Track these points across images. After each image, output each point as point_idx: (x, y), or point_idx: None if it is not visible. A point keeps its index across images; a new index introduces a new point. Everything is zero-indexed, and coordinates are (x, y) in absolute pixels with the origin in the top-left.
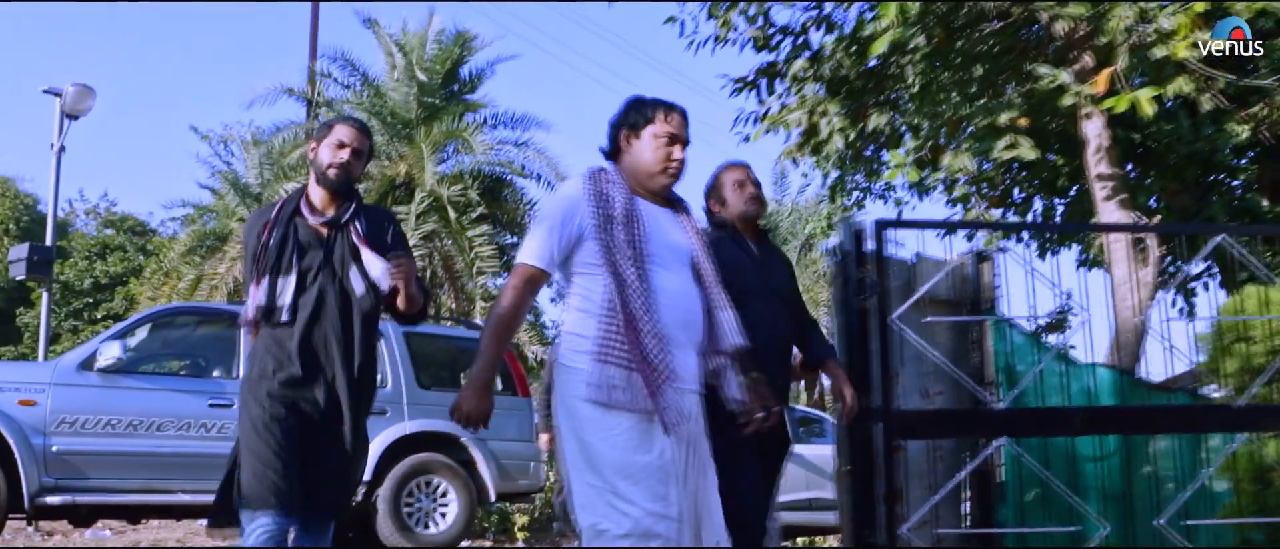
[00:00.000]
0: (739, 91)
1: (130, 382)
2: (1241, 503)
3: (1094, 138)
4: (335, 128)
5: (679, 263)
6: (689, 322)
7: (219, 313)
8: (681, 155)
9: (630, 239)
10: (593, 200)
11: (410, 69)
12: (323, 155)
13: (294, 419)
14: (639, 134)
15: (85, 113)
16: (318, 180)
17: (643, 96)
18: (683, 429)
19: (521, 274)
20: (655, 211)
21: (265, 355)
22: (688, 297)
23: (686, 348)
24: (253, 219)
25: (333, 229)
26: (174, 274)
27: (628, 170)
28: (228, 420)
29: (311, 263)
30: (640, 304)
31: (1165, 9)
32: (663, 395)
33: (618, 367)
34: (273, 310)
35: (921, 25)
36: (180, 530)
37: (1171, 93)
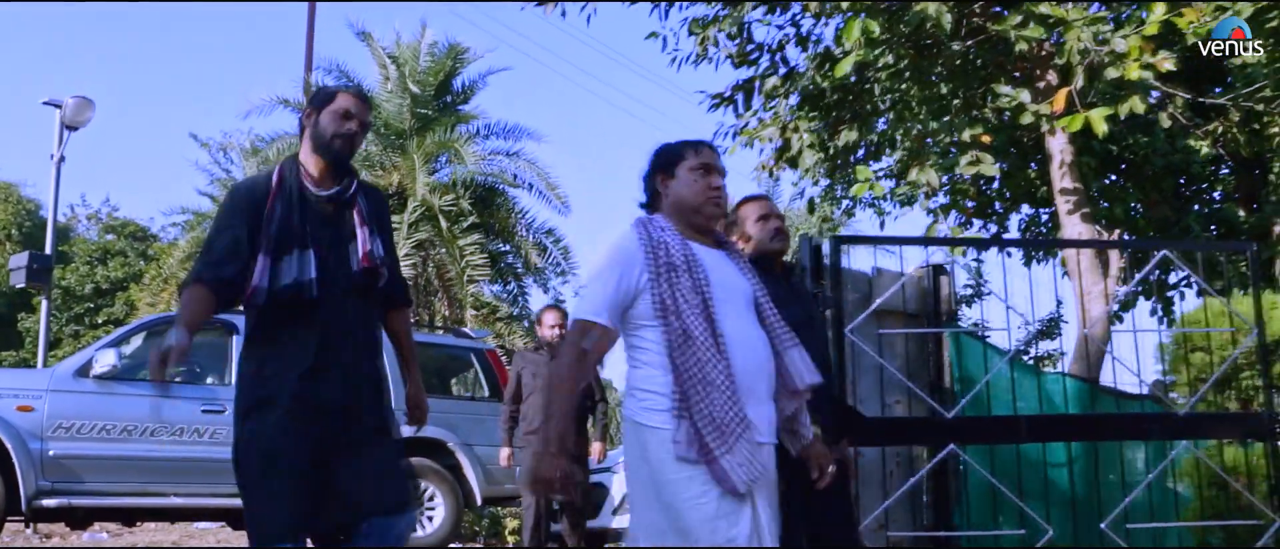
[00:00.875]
0: (716, 107)
1: (125, 388)
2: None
3: (1058, 153)
4: (338, 96)
5: (743, 306)
6: (760, 368)
7: (212, 321)
8: (720, 183)
9: (695, 286)
10: (648, 250)
11: (403, 81)
12: (325, 124)
13: (318, 420)
14: (674, 174)
15: (84, 124)
16: (317, 149)
17: (667, 142)
18: (758, 487)
19: (581, 328)
20: (710, 255)
21: (269, 353)
22: (756, 341)
23: (762, 398)
24: (244, 186)
25: (337, 205)
26: (173, 280)
27: (672, 215)
28: (220, 426)
29: (322, 241)
30: (711, 355)
31: (1119, 31)
32: (735, 455)
33: (693, 422)
34: (288, 288)
35: (888, 44)
36: (176, 533)
37: (1125, 112)
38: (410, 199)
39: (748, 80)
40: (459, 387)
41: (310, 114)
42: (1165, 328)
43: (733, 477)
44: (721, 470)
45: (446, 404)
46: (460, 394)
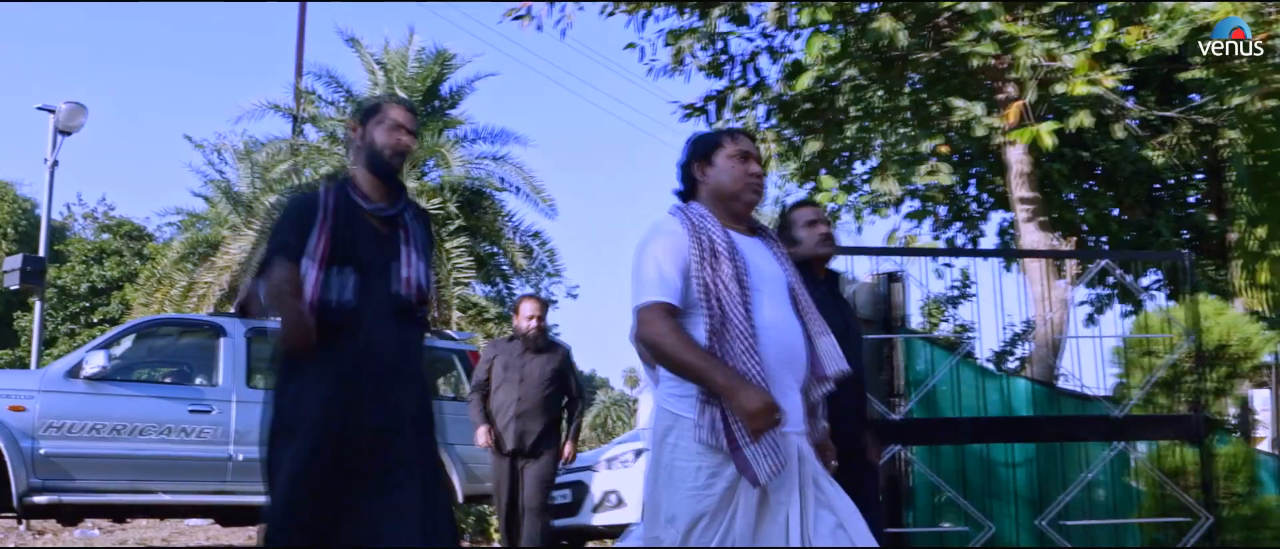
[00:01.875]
0: (689, 117)
1: (114, 389)
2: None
3: (1015, 164)
4: (387, 109)
5: (779, 293)
6: (793, 358)
7: (199, 323)
8: (758, 169)
9: (735, 273)
10: (693, 235)
11: (391, 87)
12: (377, 137)
13: (349, 444)
14: (711, 162)
15: (77, 129)
16: (370, 165)
17: (704, 131)
18: (789, 475)
19: (658, 311)
20: (747, 242)
21: (308, 379)
22: (790, 330)
23: (792, 387)
24: (296, 200)
25: (387, 222)
26: (166, 281)
27: (710, 203)
28: (207, 425)
29: (368, 260)
30: (745, 344)
31: (1069, 48)
32: (763, 443)
33: (720, 409)
34: (334, 306)
35: (850, 58)
36: (166, 529)
37: (1074, 126)
38: None
39: (721, 91)
40: (444, 387)
41: (357, 129)
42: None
43: (755, 467)
44: (744, 460)
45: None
46: (444, 394)
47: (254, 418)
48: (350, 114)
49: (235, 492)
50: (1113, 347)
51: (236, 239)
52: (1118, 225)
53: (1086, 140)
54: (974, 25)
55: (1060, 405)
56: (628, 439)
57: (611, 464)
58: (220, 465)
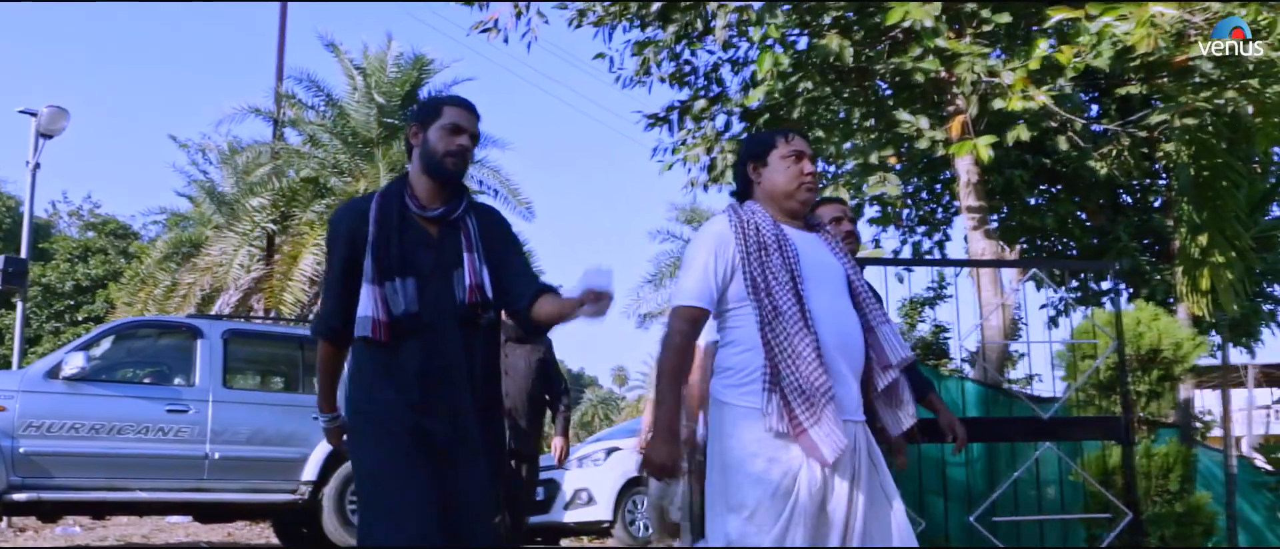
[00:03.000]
0: (652, 126)
1: (93, 389)
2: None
3: (964, 173)
4: (445, 110)
5: (836, 285)
6: (848, 346)
7: (177, 325)
8: (812, 169)
9: (785, 264)
10: (740, 231)
11: (370, 92)
12: (434, 142)
13: (424, 454)
14: (765, 162)
15: (59, 132)
16: (426, 170)
17: (758, 132)
18: (846, 461)
19: (684, 316)
20: (803, 237)
21: (377, 378)
22: (846, 318)
23: (847, 376)
24: (344, 215)
25: (443, 227)
26: (150, 281)
27: (765, 202)
28: (184, 424)
29: (425, 266)
30: (798, 328)
31: (1008, 65)
32: (823, 426)
33: (781, 395)
34: (398, 320)
35: (805, 72)
36: (146, 527)
37: (1012, 139)
38: None
39: (685, 102)
40: None
41: (416, 132)
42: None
43: (822, 447)
44: (811, 442)
45: None
46: None
47: (230, 417)
48: (408, 116)
49: (212, 489)
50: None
51: (219, 240)
52: (1080, 230)
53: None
54: (919, 42)
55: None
56: (600, 438)
57: (583, 463)
58: (197, 464)
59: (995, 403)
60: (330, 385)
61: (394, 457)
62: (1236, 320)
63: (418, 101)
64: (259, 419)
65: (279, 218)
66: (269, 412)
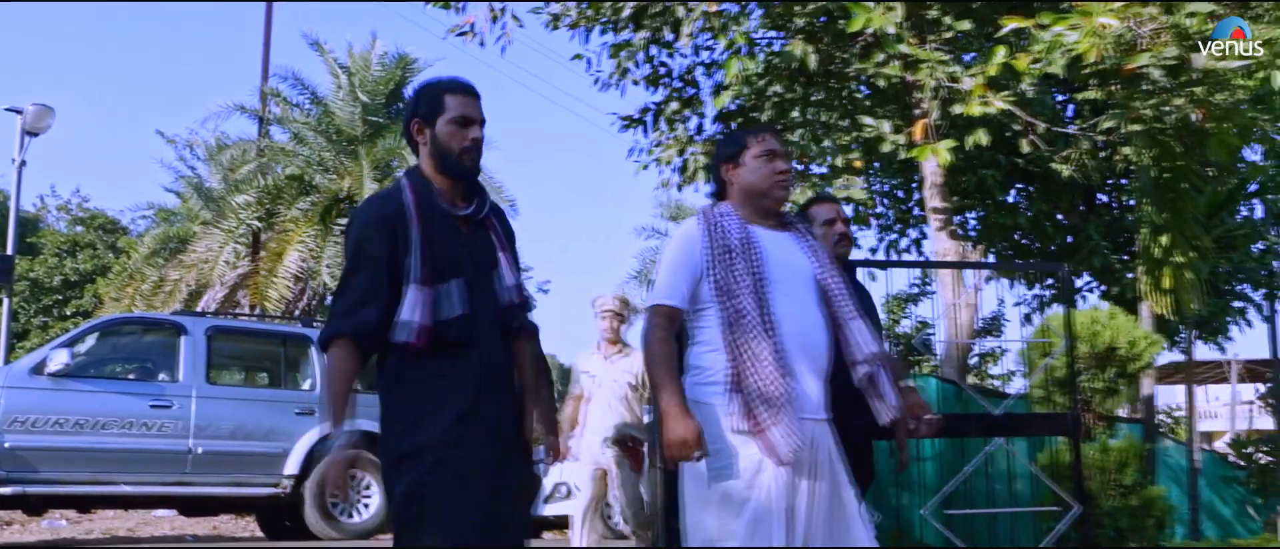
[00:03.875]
0: (627, 128)
1: (78, 385)
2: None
3: (929, 175)
4: (447, 100)
5: (802, 286)
6: (810, 346)
7: (161, 322)
8: (785, 167)
9: (750, 268)
10: (708, 235)
11: (354, 90)
12: (446, 140)
13: (473, 466)
14: (739, 162)
15: (45, 130)
16: (443, 170)
17: (732, 132)
18: (806, 458)
19: (660, 313)
20: (773, 237)
21: (427, 382)
22: (810, 319)
23: (809, 374)
24: (380, 207)
25: (472, 226)
26: (138, 276)
27: (739, 201)
28: (167, 420)
29: (467, 267)
30: (759, 336)
31: (968, 71)
32: (781, 427)
33: (743, 396)
34: (450, 324)
35: (772, 76)
36: (132, 520)
37: (971, 144)
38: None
39: (659, 103)
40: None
41: (421, 128)
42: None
43: (779, 447)
44: (769, 442)
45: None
46: None
47: (213, 412)
48: (408, 110)
49: (195, 483)
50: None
51: (205, 236)
52: (1053, 228)
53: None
54: (882, 48)
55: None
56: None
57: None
58: (180, 458)
59: (958, 400)
60: (347, 397)
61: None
62: (1204, 318)
63: (403, 99)
64: (241, 414)
65: (264, 215)
66: (251, 407)
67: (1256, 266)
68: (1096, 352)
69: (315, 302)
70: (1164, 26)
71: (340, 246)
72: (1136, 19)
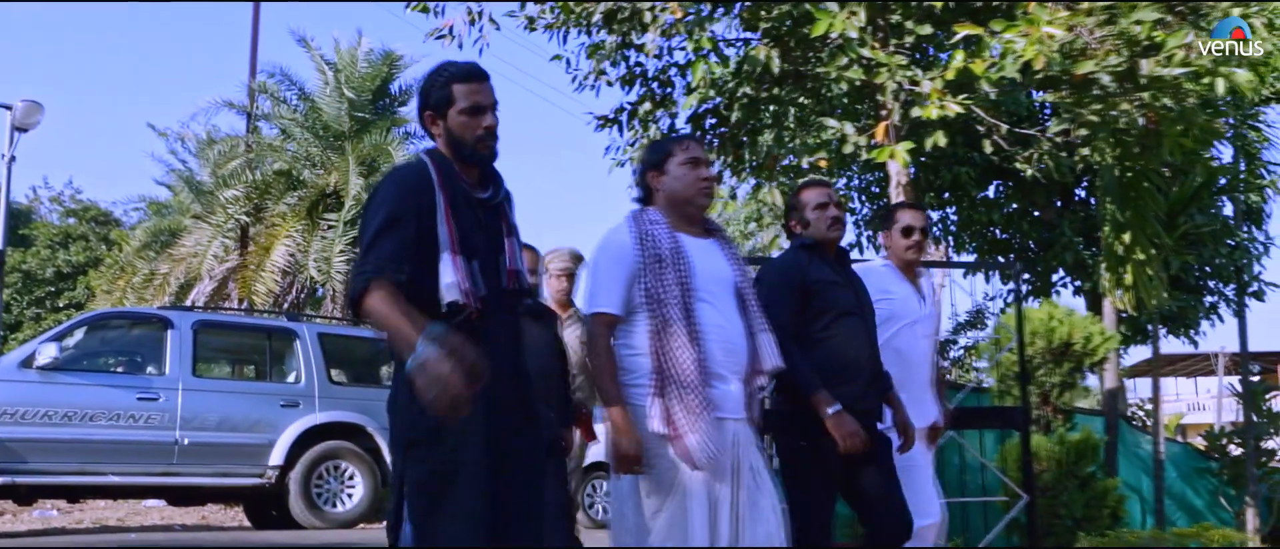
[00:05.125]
0: (602, 127)
1: (66, 378)
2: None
3: (894, 175)
4: (456, 90)
5: (724, 294)
6: (733, 352)
7: (148, 316)
8: (709, 174)
9: (677, 277)
10: (639, 243)
11: (340, 87)
12: (459, 131)
13: (495, 445)
14: (664, 170)
15: (34, 126)
16: (460, 158)
17: (657, 141)
18: (726, 459)
19: (600, 322)
20: (698, 245)
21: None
22: (733, 327)
23: (731, 378)
24: (409, 174)
25: (487, 209)
26: (129, 269)
27: (665, 208)
28: (154, 411)
29: (482, 248)
30: (683, 344)
31: (928, 74)
32: (699, 432)
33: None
34: (475, 293)
35: (740, 79)
36: (123, 510)
37: (930, 145)
38: (346, 198)
39: (634, 103)
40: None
41: (433, 120)
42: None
43: (696, 454)
44: (685, 448)
45: (371, 391)
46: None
47: (199, 404)
48: (419, 108)
49: (182, 473)
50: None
51: (195, 230)
52: (1029, 224)
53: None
54: (845, 52)
55: None
56: None
57: None
58: (167, 449)
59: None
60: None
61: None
62: (1174, 313)
63: (389, 95)
64: (227, 406)
65: (252, 209)
66: (238, 399)
67: (1227, 263)
68: (1053, 347)
69: (303, 295)
70: (1111, 34)
71: (328, 241)
72: (1082, 27)
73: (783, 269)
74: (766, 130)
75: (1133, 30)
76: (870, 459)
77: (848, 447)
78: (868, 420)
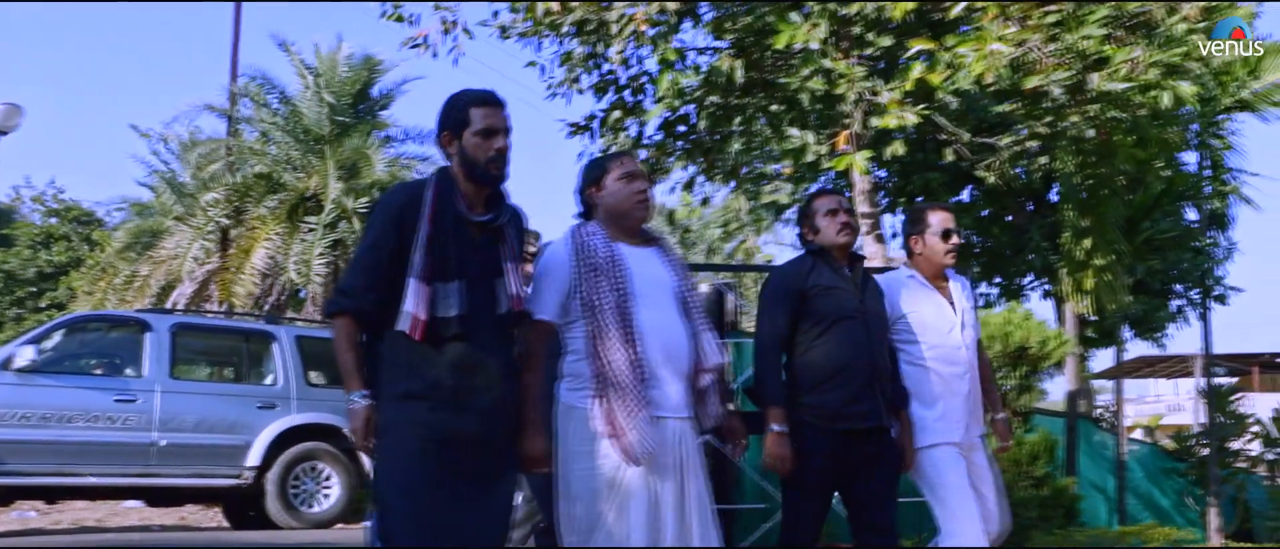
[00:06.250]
0: (574, 134)
1: (44, 380)
2: None
3: (857, 181)
4: (473, 114)
5: (664, 298)
6: (673, 354)
7: (126, 319)
8: (644, 187)
9: (613, 285)
10: (575, 254)
11: (320, 91)
12: (472, 151)
13: (450, 453)
14: (602, 185)
15: (14, 129)
16: (470, 178)
17: (594, 157)
18: (667, 456)
19: (537, 329)
20: (637, 253)
21: (413, 375)
22: (673, 330)
23: (671, 379)
24: (398, 199)
25: (487, 232)
26: (110, 270)
27: (605, 220)
28: (131, 413)
29: (473, 270)
30: (619, 348)
31: (888, 85)
32: (637, 429)
33: (606, 401)
34: (445, 322)
35: (707, 88)
36: (102, 511)
37: (888, 154)
38: (326, 202)
39: (606, 111)
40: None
41: (449, 140)
42: None
43: (633, 450)
44: (624, 445)
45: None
46: None
47: (177, 406)
48: (437, 128)
49: (159, 474)
50: None
51: (175, 232)
52: (999, 230)
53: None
54: (808, 63)
55: None
56: None
57: None
58: (144, 450)
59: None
60: (358, 360)
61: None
62: (1139, 316)
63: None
64: (205, 408)
65: (233, 212)
66: (215, 401)
67: (1192, 268)
68: (1009, 350)
69: (283, 298)
70: (1060, 49)
71: (307, 244)
72: (1032, 42)
73: (782, 276)
74: (734, 138)
75: (1082, 45)
76: (869, 467)
77: (770, 466)
78: (864, 424)
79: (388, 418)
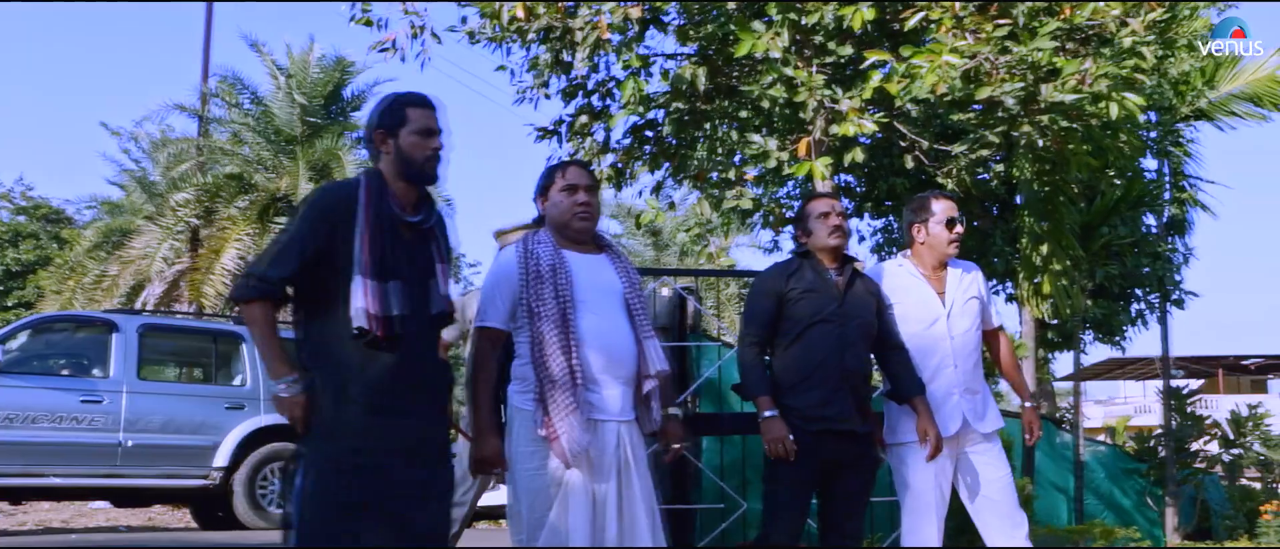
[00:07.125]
0: (541, 138)
1: (9, 380)
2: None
3: (821, 186)
4: (410, 114)
5: (609, 303)
6: (616, 358)
7: (93, 320)
8: (586, 199)
9: (555, 292)
10: (521, 263)
11: (292, 93)
12: (409, 149)
13: (384, 458)
14: (548, 195)
15: None
16: (405, 176)
17: (545, 168)
18: (607, 458)
19: (483, 336)
20: (583, 260)
21: (352, 374)
22: (616, 334)
23: (613, 382)
24: (331, 198)
25: (417, 233)
26: (79, 270)
27: (553, 228)
28: (97, 414)
29: (405, 271)
30: (557, 353)
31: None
32: (569, 432)
33: (547, 404)
34: (383, 319)
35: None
36: (68, 511)
37: (848, 161)
38: (297, 202)
39: (573, 116)
40: None
41: (383, 138)
42: None
43: (567, 451)
44: (561, 447)
45: None
46: None
47: (144, 407)
48: (370, 126)
49: (126, 475)
50: None
51: (145, 232)
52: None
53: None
54: (769, 70)
55: None
56: None
57: None
58: (111, 450)
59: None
60: (278, 346)
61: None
62: (1099, 320)
63: (341, 100)
64: (172, 409)
65: (203, 212)
66: (182, 401)
67: (1151, 272)
68: None
69: None
70: (1012, 61)
71: None
72: (984, 54)
73: (764, 278)
74: (699, 144)
75: (1035, 56)
76: (843, 468)
77: (772, 451)
78: (838, 426)
79: (325, 420)
